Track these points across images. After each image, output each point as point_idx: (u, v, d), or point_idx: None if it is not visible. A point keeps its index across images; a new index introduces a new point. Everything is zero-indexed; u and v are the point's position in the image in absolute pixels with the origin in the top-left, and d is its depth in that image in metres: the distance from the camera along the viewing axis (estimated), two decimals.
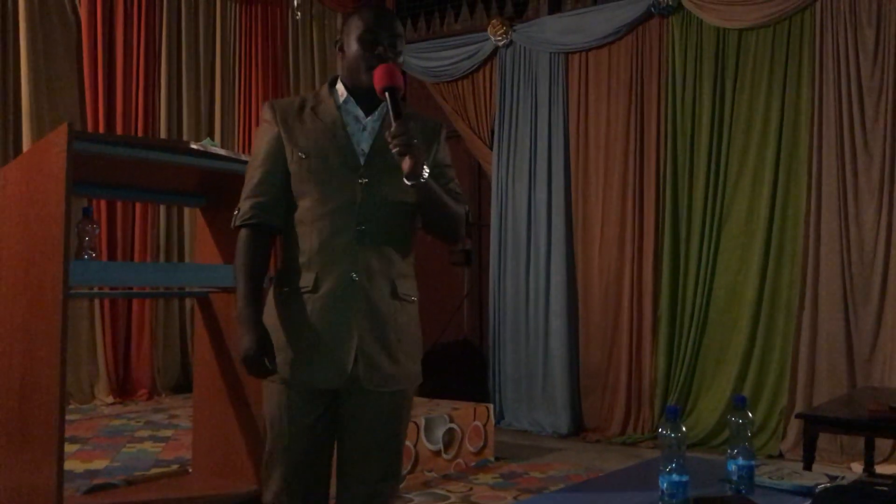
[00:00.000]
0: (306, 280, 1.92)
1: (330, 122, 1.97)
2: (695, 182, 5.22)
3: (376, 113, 1.99)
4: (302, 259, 1.93)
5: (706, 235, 5.14)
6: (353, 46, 1.96)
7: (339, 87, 2.01)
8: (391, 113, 1.86)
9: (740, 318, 4.98)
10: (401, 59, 1.98)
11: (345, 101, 1.99)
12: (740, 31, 5.07)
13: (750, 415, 2.25)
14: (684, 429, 2.01)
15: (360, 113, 1.99)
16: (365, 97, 1.97)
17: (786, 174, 4.92)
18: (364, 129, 1.99)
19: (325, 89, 2.04)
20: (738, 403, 2.22)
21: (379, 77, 1.88)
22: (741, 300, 4.99)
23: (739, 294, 5.00)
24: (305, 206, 1.93)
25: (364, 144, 1.97)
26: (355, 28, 1.97)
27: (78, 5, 5.14)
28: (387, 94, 1.86)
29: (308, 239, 1.93)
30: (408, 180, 1.83)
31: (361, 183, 1.93)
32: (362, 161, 1.94)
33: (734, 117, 5.11)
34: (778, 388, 4.85)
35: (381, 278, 1.95)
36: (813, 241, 4.76)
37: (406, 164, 1.81)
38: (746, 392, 4.81)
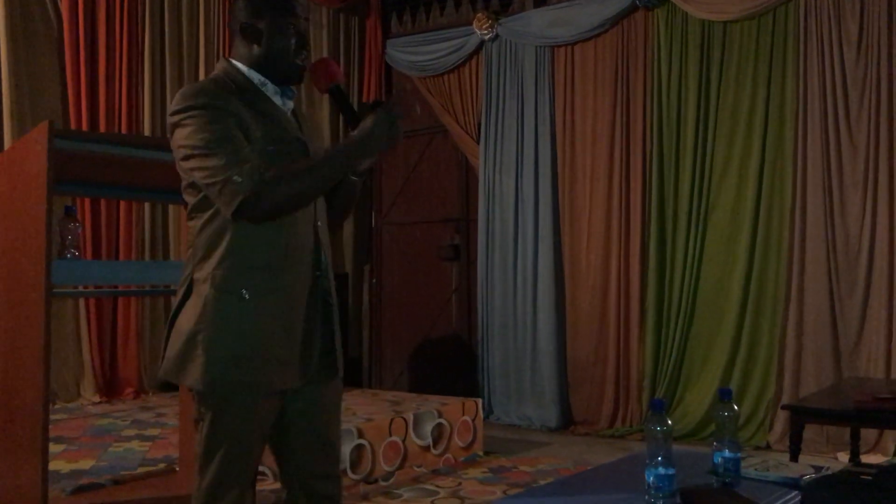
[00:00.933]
0: (272, 281, 1.80)
1: (271, 111, 1.87)
2: (681, 175, 5.23)
3: (289, 94, 1.93)
4: (262, 258, 1.79)
5: (692, 228, 5.15)
6: (272, 32, 1.86)
7: (251, 72, 1.88)
8: (343, 114, 1.83)
9: (727, 311, 5.00)
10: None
11: (264, 87, 1.89)
12: (725, 23, 5.08)
13: (736, 407, 2.26)
14: (670, 422, 2.01)
15: (279, 98, 1.91)
16: (279, 82, 1.90)
17: (771, 167, 4.94)
18: (292, 117, 1.93)
19: (237, 75, 1.88)
20: (724, 396, 2.22)
21: (321, 75, 1.86)
22: (728, 293, 5.01)
23: (726, 286, 5.02)
24: None
25: (297, 132, 1.91)
26: (278, 14, 1.86)
27: (59, 2, 5.09)
28: (333, 94, 1.84)
29: (271, 238, 1.80)
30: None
31: None
32: (310, 151, 1.88)
33: (719, 110, 5.12)
34: (765, 380, 4.88)
35: (329, 273, 1.94)
36: (798, 234, 4.78)
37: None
38: (734, 384, 4.83)
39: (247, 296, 1.77)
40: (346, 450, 3.71)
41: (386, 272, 6.84)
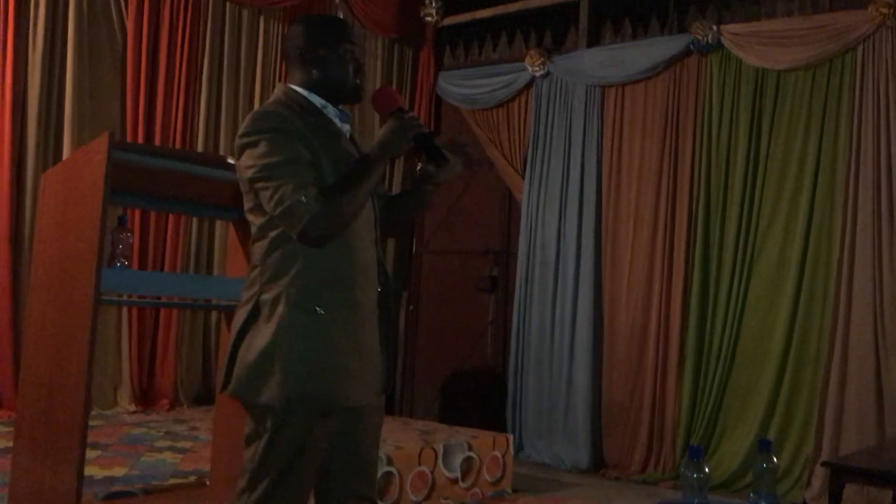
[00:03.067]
0: (342, 296, 1.85)
1: (335, 133, 1.96)
2: (727, 221, 5.18)
3: (346, 117, 2.02)
4: (334, 276, 1.85)
5: (736, 275, 5.09)
6: (334, 59, 1.95)
7: (311, 95, 1.96)
8: (427, 154, 1.96)
9: (768, 361, 4.91)
10: None
11: (325, 110, 1.97)
12: (779, 72, 5.05)
13: (775, 459, 2.22)
14: (707, 469, 1.98)
15: (338, 121, 1.99)
16: (337, 104, 1.99)
17: (819, 218, 4.87)
18: (349, 140, 2.01)
19: (300, 98, 1.95)
20: (763, 447, 2.18)
21: (389, 99, 1.94)
22: (769, 342, 4.92)
23: (768, 336, 4.94)
24: None
25: (357, 153, 1.98)
26: (336, 39, 1.95)
27: (125, 18, 5.24)
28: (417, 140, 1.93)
29: (340, 255, 1.86)
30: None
31: (374, 197, 2.00)
32: None
33: (769, 158, 5.08)
34: (804, 434, 4.77)
35: (390, 285, 2.02)
36: (845, 287, 4.69)
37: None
38: (771, 436, 4.73)
39: (321, 311, 1.82)
40: None
41: (423, 300, 6.85)
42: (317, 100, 1.96)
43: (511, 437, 4.68)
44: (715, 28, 5.23)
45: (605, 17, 5.96)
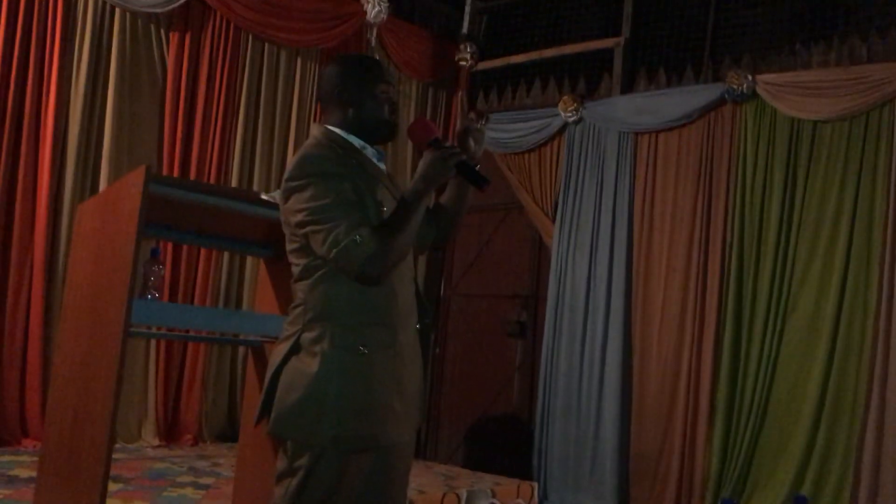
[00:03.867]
0: (385, 336, 1.87)
1: (376, 173, 1.98)
2: (760, 271, 5.11)
3: (382, 156, 2.05)
4: (377, 316, 1.87)
5: (769, 327, 5.00)
6: (368, 98, 1.98)
7: (349, 136, 1.99)
8: (469, 180, 1.98)
9: (801, 415, 4.79)
10: None
11: (364, 150, 2.00)
12: (815, 122, 5.02)
13: None
14: None
15: (376, 160, 2.03)
16: (377, 140, 2.03)
17: (856, 271, 4.78)
18: (387, 177, 2.03)
19: (340, 140, 1.98)
20: (800, 503, 2.12)
21: (424, 130, 1.96)
22: (803, 395, 4.81)
23: (802, 389, 4.83)
24: None
25: (396, 192, 2.00)
26: (369, 80, 1.99)
27: (166, 55, 5.35)
28: (458, 168, 1.94)
29: (383, 294, 1.88)
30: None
31: None
32: None
33: (804, 209, 5.01)
34: (839, 492, 4.61)
35: (430, 321, 2.04)
36: (882, 342, 4.59)
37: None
38: (805, 492, 4.59)
39: (364, 351, 1.83)
40: None
41: (450, 343, 6.81)
42: (356, 140, 1.99)
43: (536, 486, 4.61)
44: (750, 77, 5.22)
45: (640, 65, 5.98)
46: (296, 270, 1.94)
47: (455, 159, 1.89)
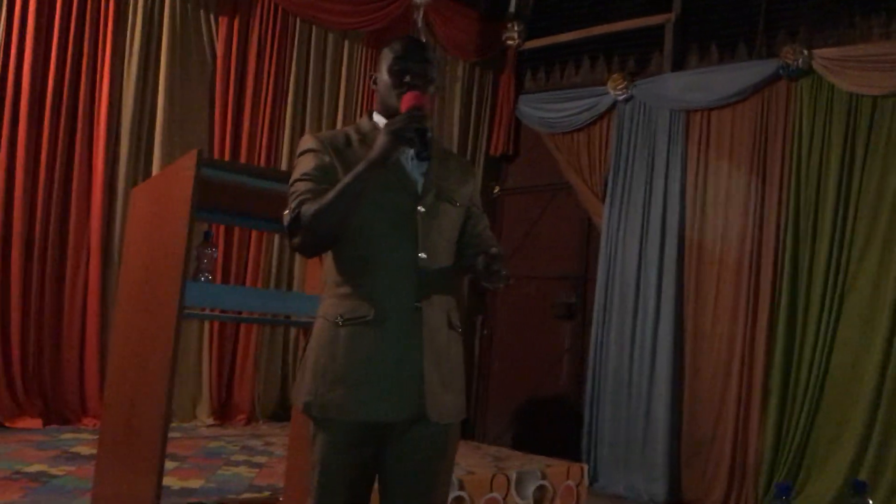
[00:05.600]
0: (367, 310, 1.87)
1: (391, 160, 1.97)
2: (816, 252, 4.99)
3: None
4: (357, 289, 1.88)
5: (826, 309, 4.89)
6: (384, 77, 2.01)
7: (377, 118, 2.05)
8: (418, 141, 1.83)
9: (859, 399, 4.68)
10: (431, 89, 2.01)
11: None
12: (874, 97, 4.86)
13: (870, 502, 2.10)
14: None
15: None
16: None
17: None
18: (411, 159, 1.97)
19: (364, 121, 2.06)
20: (859, 489, 2.08)
21: (405, 102, 1.90)
22: (861, 379, 4.70)
23: (859, 373, 4.71)
24: (365, 236, 1.90)
25: (415, 173, 1.97)
26: (385, 59, 2.02)
27: (216, 41, 5.40)
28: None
29: (367, 269, 1.89)
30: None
31: (421, 211, 1.94)
32: (419, 189, 1.96)
33: (863, 187, 4.88)
34: None
35: (438, 309, 1.94)
36: None
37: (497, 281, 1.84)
38: (863, 477, 4.49)
39: (339, 322, 1.88)
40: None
41: (498, 325, 6.80)
42: (381, 122, 2.02)
43: (586, 467, 4.58)
44: (806, 52, 5.08)
45: (691, 41, 5.86)
46: None
47: (403, 132, 1.81)
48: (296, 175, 1.94)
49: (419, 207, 1.93)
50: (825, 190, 5.00)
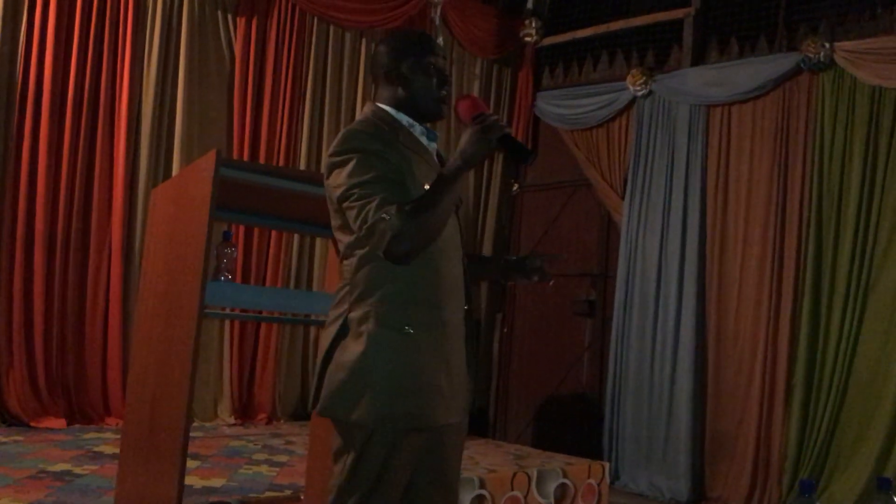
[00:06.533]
0: (430, 316, 1.85)
1: (421, 152, 1.95)
2: (840, 247, 4.93)
3: (433, 136, 2.01)
4: (422, 295, 1.85)
5: (850, 303, 4.83)
6: (416, 74, 1.94)
7: (398, 114, 1.96)
8: (512, 154, 1.87)
9: (885, 395, 4.62)
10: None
11: (412, 128, 1.97)
12: None
13: None
14: None
15: (425, 139, 1.99)
16: (423, 121, 1.99)
17: None
18: (437, 157, 2.00)
19: (387, 117, 1.95)
20: (883, 486, 2.04)
21: (466, 109, 1.87)
22: (886, 375, 4.64)
23: (885, 368, 4.65)
24: None
25: None
26: (417, 55, 1.95)
27: (234, 41, 5.42)
28: (501, 141, 1.84)
29: (428, 273, 1.86)
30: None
31: (459, 212, 1.96)
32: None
33: (886, 182, 4.81)
34: None
35: (474, 304, 2.02)
36: None
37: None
38: (890, 475, 4.43)
39: (410, 331, 1.82)
40: (466, 498, 3.65)
41: (518, 322, 6.78)
42: (404, 118, 1.96)
43: (607, 465, 4.55)
44: (827, 45, 5.02)
45: (711, 36, 5.81)
46: (341, 248, 1.93)
47: (496, 133, 1.79)
48: (365, 176, 1.80)
49: (458, 209, 1.96)
50: (848, 185, 4.94)
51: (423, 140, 1.97)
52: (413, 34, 2.03)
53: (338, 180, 1.84)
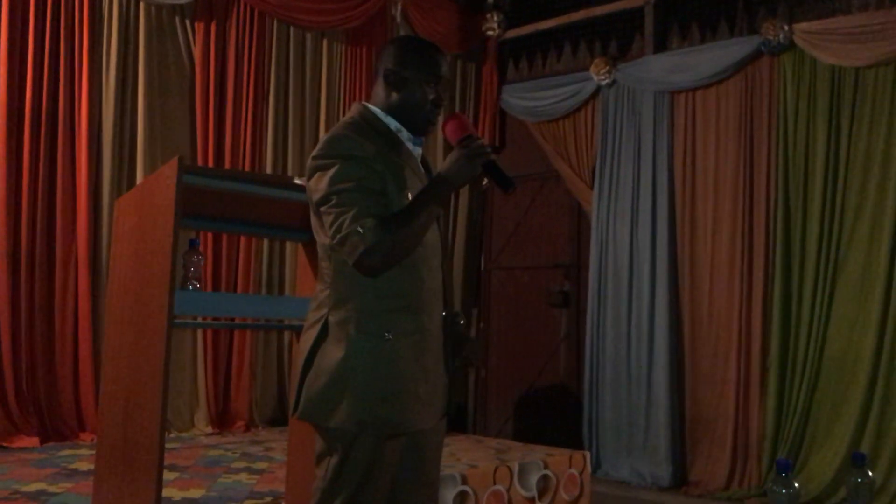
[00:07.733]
0: (409, 322, 1.86)
1: (406, 157, 1.94)
2: (808, 227, 4.98)
3: (419, 141, 2.01)
4: (402, 302, 1.86)
5: (820, 283, 4.88)
6: (415, 86, 1.93)
7: (387, 118, 1.95)
8: (494, 181, 1.89)
9: (857, 372, 4.69)
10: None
11: (399, 133, 1.96)
12: (857, 69, 4.86)
13: (871, 474, 2.10)
14: (796, 485, 1.87)
15: (411, 144, 1.98)
16: (412, 130, 1.97)
17: None
18: (422, 163, 2.00)
19: (375, 121, 1.94)
20: (858, 461, 2.07)
21: (454, 130, 1.88)
22: (858, 353, 4.70)
23: (856, 346, 4.72)
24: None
25: (426, 179, 1.96)
26: (423, 69, 1.94)
27: (193, 46, 5.35)
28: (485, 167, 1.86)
29: (409, 280, 1.87)
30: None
31: (439, 220, 1.98)
32: None
33: (850, 160, 4.87)
34: None
35: (453, 309, 2.03)
36: None
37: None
38: (864, 450, 4.50)
39: (389, 337, 1.82)
40: (449, 495, 3.64)
41: (494, 317, 6.78)
42: (392, 122, 1.96)
43: (588, 455, 4.57)
44: (786, 27, 5.06)
45: (672, 22, 5.84)
46: (320, 250, 1.93)
47: (481, 159, 1.82)
48: (346, 183, 1.80)
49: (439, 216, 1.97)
50: (813, 165, 5.00)
51: (409, 145, 1.97)
52: (428, 48, 2.00)
53: (319, 184, 1.84)
